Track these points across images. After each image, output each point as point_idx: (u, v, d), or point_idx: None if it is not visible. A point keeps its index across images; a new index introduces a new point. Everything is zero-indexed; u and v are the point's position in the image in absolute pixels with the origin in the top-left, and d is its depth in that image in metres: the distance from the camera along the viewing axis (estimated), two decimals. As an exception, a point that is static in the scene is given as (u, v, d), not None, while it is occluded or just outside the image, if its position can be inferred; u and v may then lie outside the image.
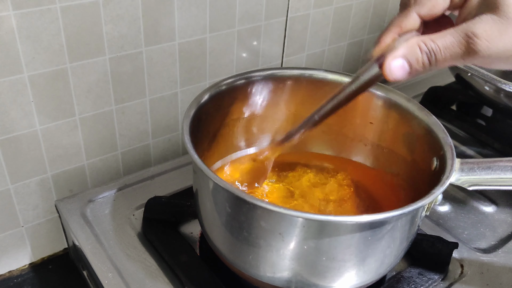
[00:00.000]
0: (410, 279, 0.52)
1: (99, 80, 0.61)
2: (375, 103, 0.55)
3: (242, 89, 0.55)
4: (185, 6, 0.63)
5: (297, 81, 0.57)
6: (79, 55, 0.57)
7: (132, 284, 0.51)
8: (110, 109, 0.64)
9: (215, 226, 0.46)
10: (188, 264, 0.52)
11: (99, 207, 0.60)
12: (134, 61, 0.62)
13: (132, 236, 0.56)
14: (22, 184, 0.61)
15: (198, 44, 0.67)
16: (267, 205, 0.39)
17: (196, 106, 0.49)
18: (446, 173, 0.43)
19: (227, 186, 0.40)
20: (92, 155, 0.65)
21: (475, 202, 0.65)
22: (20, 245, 0.65)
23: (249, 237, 0.42)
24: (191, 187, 0.62)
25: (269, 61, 0.77)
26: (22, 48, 0.53)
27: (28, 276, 0.66)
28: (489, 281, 0.54)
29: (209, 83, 0.71)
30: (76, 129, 0.62)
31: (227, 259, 0.47)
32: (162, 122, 0.70)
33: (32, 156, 0.60)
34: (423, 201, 0.40)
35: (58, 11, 0.53)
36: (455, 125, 0.80)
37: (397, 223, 0.42)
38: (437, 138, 0.48)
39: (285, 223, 0.40)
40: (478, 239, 0.59)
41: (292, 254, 0.42)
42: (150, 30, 0.61)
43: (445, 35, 0.37)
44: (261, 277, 0.45)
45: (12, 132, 0.57)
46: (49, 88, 0.57)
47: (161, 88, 0.67)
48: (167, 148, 0.73)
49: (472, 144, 0.77)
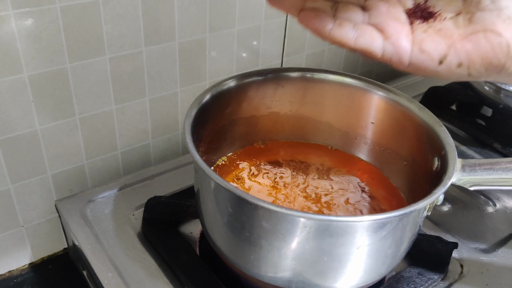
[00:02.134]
0: (410, 279, 0.52)
1: (99, 80, 0.61)
2: (376, 103, 0.55)
3: (243, 89, 0.55)
4: (185, 6, 0.63)
5: (297, 81, 0.57)
6: (79, 55, 0.57)
7: (132, 284, 0.51)
8: (110, 109, 0.64)
9: (217, 226, 0.46)
10: (188, 264, 0.52)
11: (99, 207, 0.60)
12: (134, 61, 0.62)
13: (132, 236, 0.56)
14: (22, 184, 0.61)
15: (198, 44, 0.67)
16: (269, 206, 0.39)
17: (198, 106, 0.49)
18: (448, 173, 0.43)
19: (228, 186, 0.40)
20: (92, 155, 0.65)
21: (475, 202, 0.65)
22: (20, 245, 0.65)
23: (250, 237, 0.42)
24: (191, 187, 0.62)
25: (269, 60, 0.77)
26: (22, 48, 0.53)
27: (28, 276, 0.66)
28: (489, 281, 0.54)
29: (209, 83, 0.71)
30: (76, 129, 0.62)
31: (228, 259, 0.47)
32: (162, 122, 0.70)
33: (32, 156, 0.60)
34: (425, 202, 0.40)
35: (58, 11, 0.53)
36: (455, 125, 0.80)
37: (399, 224, 0.42)
38: (438, 138, 0.48)
39: (286, 223, 0.40)
40: (478, 239, 0.59)
41: (294, 254, 0.42)
42: (150, 30, 0.61)
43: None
44: (263, 277, 0.45)
45: (12, 132, 0.57)
46: (49, 88, 0.57)
47: (161, 88, 0.67)
48: (167, 148, 0.73)
49: (472, 144, 0.77)
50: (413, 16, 0.40)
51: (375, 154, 0.58)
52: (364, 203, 0.53)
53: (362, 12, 0.40)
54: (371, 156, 0.59)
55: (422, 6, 0.39)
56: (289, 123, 0.59)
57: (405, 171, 0.54)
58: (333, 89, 0.57)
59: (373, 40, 0.39)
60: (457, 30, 0.38)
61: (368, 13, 0.40)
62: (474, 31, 0.37)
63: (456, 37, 0.38)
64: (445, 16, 0.39)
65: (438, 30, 0.38)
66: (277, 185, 0.55)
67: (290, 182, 0.55)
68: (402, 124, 0.53)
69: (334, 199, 0.53)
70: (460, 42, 0.38)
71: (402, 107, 0.53)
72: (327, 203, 0.53)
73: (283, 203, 0.52)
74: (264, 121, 0.59)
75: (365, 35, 0.39)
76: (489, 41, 0.37)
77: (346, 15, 0.40)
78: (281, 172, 0.57)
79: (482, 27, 0.37)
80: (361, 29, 0.39)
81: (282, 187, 0.54)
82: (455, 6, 0.38)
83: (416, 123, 0.51)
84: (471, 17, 0.37)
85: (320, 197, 0.53)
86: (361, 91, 0.56)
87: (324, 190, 0.54)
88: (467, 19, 0.38)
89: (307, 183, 0.55)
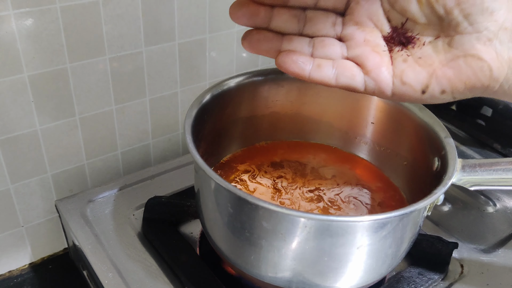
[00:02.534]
0: (410, 279, 0.52)
1: (99, 80, 0.61)
2: (376, 103, 0.55)
3: (243, 89, 0.55)
4: (185, 6, 0.63)
5: (297, 81, 0.56)
6: (79, 55, 0.57)
7: (132, 284, 0.51)
8: (110, 109, 0.64)
9: (217, 226, 0.46)
10: (188, 264, 0.52)
11: (99, 207, 0.60)
12: (134, 61, 0.62)
13: (132, 236, 0.56)
14: (22, 184, 0.61)
15: (198, 44, 0.67)
16: (269, 206, 0.39)
17: (198, 106, 0.49)
18: (448, 173, 0.43)
19: (229, 187, 0.40)
20: (92, 155, 0.65)
21: (475, 202, 0.65)
22: (20, 245, 0.65)
23: (251, 237, 0.42)
24: (191, 187, 0.62)
25: (268, 61, 0.77)
26: (22, 48, 0.53)
27: (28, 276, 0.66)
28: (489, 281, 0.54)
29: (209, 83, 0.71)
30: (76, 129, 0.62)
31: (228, 259, 0.47)
32: (162, 122, 0.70)
33: (32, 156, 0.60)
34: (425, 202, 0.40)
35: (58, 11, 0.53)
36: (455, 125, 0.80)
37: (399, 224, 0.42)
38: (438, 138, 0.48)
39: (286, 223, 0.40)
40: (478, 239, 0.59)
41: (294, 254, 0.42)
42: (150, 30, 0.61)
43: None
44: (263, 277, 0.45)
45: (12, 132, 0.57)
46: (49, 88, 0.57)
47: (161, 88, 0.67)
48: (167, 148, 0.73)
49: (472, 144, 0.77)
50: (391, 43, 0.39)
51: (375, 154, 0.58)
52: (364, 203, 0.53)
53: (340, 44, 0.40)
54: (371, 156, 0.59)
55: (399, 31, 0.39)
56: (289, 123, 0.59)
57: (405, 171, 0.54)
58: (333, 89, 0.56)
59: (353, 77, 0.39)
60: (437, 57, 0.37)
61: (346, 44, 0.40)
62: (454, 57, 0.36)
63: (436, 65, 0.37)
64: (424, 41, 0.38)
65: (418, 58, 0.38)
66: (277, 185, 0.54)
67: (290, 182, 0.55)
68: (402, 124, 0.53)
69: (334, 199, 0.53)
70: (441, 70, 0.37)
71: (402, 107, 0.53)
72: (327, 203, 0.53)
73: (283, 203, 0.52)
74: (264, 121, 0.59)
75: (345, 72, 0.39)
76: (470, 66, 0.36)
77: (324, 51, 0.39)
78: (281, 172, 0.56)
79: (462, 52, 0.36)
80: (340, 67, 0.39)
81: (282, 187, 0.54)
82: (433, 30, 0.37)
83: (416, 123, 0.51)
84: (450, 41, 0.37)
85: (320, 197, 0.53)
86: (361, 91, 0.56)
87: (324, 190, 0.54)
88: (447, 43, 0.37)
89: (307, 183, 0.55)
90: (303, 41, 0.40)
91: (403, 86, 0.38)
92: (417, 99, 0.39)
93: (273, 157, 0.59)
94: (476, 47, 0.36)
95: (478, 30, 0.36)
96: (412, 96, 0.39)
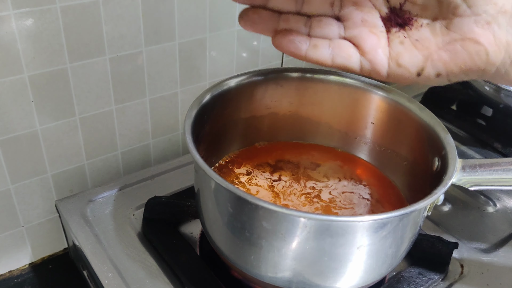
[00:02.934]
0: (410, 279, 0.52)
1: (99, 80, 0.61)
2: (376, 103, 0.55)
3: (243, 89, 0.55)
4: (185, 6, 0.63)
5: (297, 81, 0.57)
6: (79, 55, 0.57)
7: (132, 284, 0.51)
8: (110, 109, 0.64)
9: (217, 226, 0.46)
10: (188, 264, 0.52)
11: (99, 207, 0.60)
12: (134, 61, 0.62)
13: (132, 236, 0.56)
14: (22, 184, 0.61)
15: (198, 44, 0.67)
16: (269, 206, 0.39)
17: (198, 106, 0.49)
18: (448, 173, 0.43)
19: (229, 187, 0.40)
20: (92, 155, 0.65)
21: (475, 202, 0.65)
22: (20, 245, 0.65)
23: (251, 237, 0.42)
24: (191, 187, 0.62)
25: (268, 61, 0.77)
26: (22, 48, 0.53)
27: (28, 276, 0.66)
28: (489, 281, 0.54)
29: (209, 83, 0.71)
30: (76, 129, 0.62)
31: (228, 259, 0.47)
32: (162, 122, 0.70)
33: (32, 156, 0.60)
34: (425, 202, 0.40)
35: (58, 11, 0.53)
36: (455, 125, 0.80)
37: (399, 224, 0.42)
38: (438, 138, 0.48)
39: (287, 223, 0.40)
40: (478, 239, 0.59)
41: (294, 254, 0.42)
42: (150, 30, 0.61)
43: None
44: (263, 277, 0.45)
45: (12, 132, 0.57)
46: (49, 88, 0.57)
47: (161, 88, 0.67)
48: (167, 148, 0.73)
49: (472, 144, 0.77)
50: (389, 23, 0.39)
51: (375, 154, 0.58)
52: (364, 203, 0.53)
53: (337, 23, 0.40)
54: (371, 156, 0.59)
55: (398, 12, 0.39)
56: (289, 123, 0.59)
57: (405, 171, 0.54)
58: (333, 90, 0.57)
59: (350, 57, 0.39)
60: (434, 39, 0.37)
61: (344, 24, 0.40)
62: (452, 40, 0.36)
63: (433, 48, 0.37)
64: (422, 23, 0.38)
65: (415, 40, 0.38)
66: (276, 185, 0.54)
67: (290, 183, 0.55)
68: (402, 124, 0.53)
69: (334, 199, 0.53)
70: (437, 53, 0.37)
71: (402, 107, 0.53)
72: (327, 203, 0.53)
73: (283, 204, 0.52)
74: (264, 121, 0.59)
75: (341, 53, 0.39)
76: (467, 50, 0.36)
77: (321, 31, 0.39)
78: (281, 172, 0.56)
79: (460, 36, 0.36)
80: (337, 47, 0.39)
81: (282, 188, 0.54)
82: (432, 12, 0.37)
83: (416, 123, 0.51)
84: (448, 24, 0.37)
85: (320, 197, 0.53)
86: (361, 91, 0.55)
87: (324, 190, 0.54)
88: (444, 26, 0.37)
89: (307, 183, 0.55)
90: (300, 21, 0.40)
91: (398, 68, 0.38)
92: (412, 81, 0.39)
93: (273, 157, 0.59)
94: (474, 30, 0.36)
95: (476, 13, 0.35)
96: (407, 78, 0.39)
